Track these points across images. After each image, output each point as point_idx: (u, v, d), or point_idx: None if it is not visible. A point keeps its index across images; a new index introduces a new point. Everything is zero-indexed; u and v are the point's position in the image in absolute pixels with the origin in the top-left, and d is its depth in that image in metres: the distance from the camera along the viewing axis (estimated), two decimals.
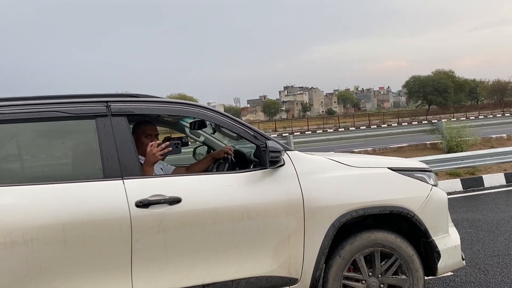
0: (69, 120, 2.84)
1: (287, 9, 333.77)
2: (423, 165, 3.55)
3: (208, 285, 2.84)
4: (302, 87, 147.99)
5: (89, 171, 2.84)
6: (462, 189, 8.83)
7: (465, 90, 74.44)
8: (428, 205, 3.27)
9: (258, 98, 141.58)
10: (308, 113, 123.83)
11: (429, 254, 3.28)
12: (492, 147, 12.32)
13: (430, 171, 3.51)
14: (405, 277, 3.20)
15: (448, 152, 11.61)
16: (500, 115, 23.48)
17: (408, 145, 13.74)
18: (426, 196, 3.28)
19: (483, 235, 5.58)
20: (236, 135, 3.23)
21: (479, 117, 21.42)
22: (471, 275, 4.30)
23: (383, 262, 3.19)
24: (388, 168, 3.30)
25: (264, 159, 2.98)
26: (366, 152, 12.66)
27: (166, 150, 3.09)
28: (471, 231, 5.82)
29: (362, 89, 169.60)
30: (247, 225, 2.90)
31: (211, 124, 3.74)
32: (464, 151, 10.95)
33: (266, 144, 2.97)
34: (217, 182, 2.97)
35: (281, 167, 3.03)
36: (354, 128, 17.57)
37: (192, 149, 4.80)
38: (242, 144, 4.06)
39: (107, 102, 2.91)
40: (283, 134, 17.77)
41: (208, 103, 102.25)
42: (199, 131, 4.40)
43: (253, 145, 3.17)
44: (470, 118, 19.69)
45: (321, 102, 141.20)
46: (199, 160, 3.87)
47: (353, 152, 12.30)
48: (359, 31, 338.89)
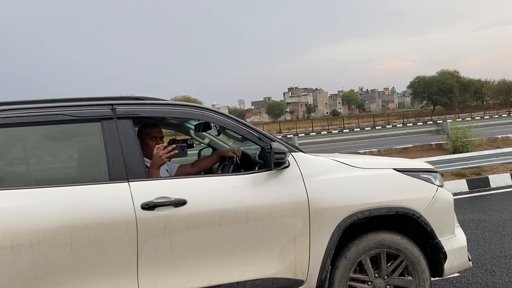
0: (75, 123, 2.85)
1: (290, 10, 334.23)
2: (429, 166, 3.53)
3: (214, 287, 2.84)
4: (306, 88, 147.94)
5: (95, 173, 2.85)
6: (468, 190, 8.79)
7: (470, 90, 74.25)
8: (434, 206, 3.25)
9: (262, 99, 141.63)
10: (312, 114, 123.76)
11: (435, 255, 3.27)
12: (498, 147, 12.27)
13: (436, 171, 3.50)
14: (412, 278, 3.19)
15: (454, 153, 11.59)
16: (505, 115, 23.40)
17: (413, 145, 13.71)
18: (432, 197, 3.27)
19: (490, 236, 5.56)
20: (241, 136, 3.23)
21: (485, 117, 21.36)
22: (477, 276, 4.28)
23: (389, 263, 3.18)
24: (394, 169, 3.29)
25: (269, 160, 2.98)
26: (371, 153, 12.64)
27: (172, 153, 3.10)
28: (477, 232, 5.79)
29: (367, 90, 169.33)
30: (253, 226, 2.90)
31: (216, 126, 3.75)
32: (469, 152, 10.92)
33: (270, 145, 2.97)
34: (222, 184, 2.97)
35: (286, 169, 3.03)
36: (359, 129, 17.58)
37: (197, 151, 4.80)
38: (246, 146, 4.06)
39: (112, 105, 2.93)
40: (288, 136, 17.78)
41: (213, 105, 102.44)
42: (204, 133, 4.40)
43: (258, 146, 3.17)
44: (476, 118, 19.64)
45: (326, 103, 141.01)
46: (206, 156, 3.87)
47: (358, 153, 12.28)
48: (363, 31, 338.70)
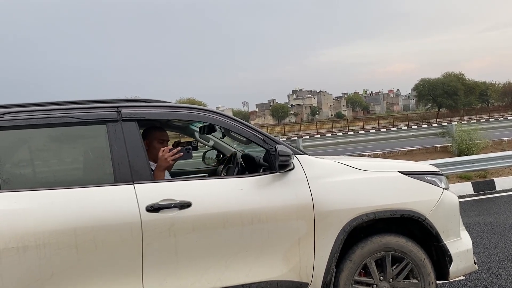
0: (81, 125, 2.87)
1: (295, 12, 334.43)
2: (434, 168, 3.52)
3: None
4: (310, 90, 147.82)
5: (100, 176, 2.86)
6: (473, 193, 8.75)
7: (475, 93, 73.93)
8: (439, 208, 3.24)
9: (266, 102, 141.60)
10: (317, 116, 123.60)
11: (440, 258, 3.26)
12: (503, 149, 12.22)
13: (441, 174, 3.48)
14: (417, 281, 3.18)
15: (459, 155, 11.54)
16: (511, 117, 23.28)
17: (418, 148, 13.68)
18: (437, 200, 3.26)
19: (495, 239, 5.53)
20: (245, 139, 3.23)
21: (490, 119, 21.23)
22: (483, 279, 4.26)
23: (394, 266, 3.17)
24: (399, 171, 3.28)
25: (274, 163, 2.98)
26: (376, 156, 12.61)
27: (177, 155, 3.11)
28: (483, 234, 5.76)
29: (371, 92, 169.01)
30: (257, 229, 2.90)
31: (220, 128, 3.76)
32: (475, 154, 10.88)
33: (275, 148, 2.97)
34: (227, 186, 2.97)
35: (291, 171, 3.03)
36: (363, 132, 17.52)
37: (202, 153, 4.81)
38: (251, 148, 4.06)
39: (117, 107, 2.94)
40: (292, 138, 17.77)
41: (217, 107, 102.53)
42: (209, 136, 4.42)
43: (262, 149, 3.17)
44: (481, 120, 19.51)
45: (330, 105, 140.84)
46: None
47: (362, 155, 12.25)
48: (368, 33, 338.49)
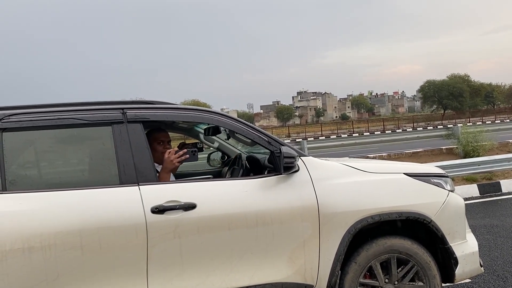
0: (86, 127, 2.88)
1: (300, 14, 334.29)
2: (440, 171, 3.51)
3: None
4: (315, 92, 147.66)
5: (106, 177, 2.87)
6: (479, 195, 8.71)
7: (481, 94, 73.67)
8: (445, 211, 3.23)
9: (271, 103, 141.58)
10: (321, 118, 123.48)
11: (446, 261, 3.24)
12: (509, 151, 12.15)
13: (447, 176, 3.47)
14: (422, 283, 3.16)
15: (465, 157, 11.50)
16: None
17: (423, 150, 13.64)
18: (443, 202, 3.24)
19: (501, 241, 5.49)
20: (250, 140, 3.24)
21: (496, 121, 21.12)
22: (489, 282, 4.23)
23: (400, 269, 3.16)
24: (404, 173, 3.27)
25: (278, 165, 2.98)
26: (381, 158, 12.58)
27: (183, 157, 3.12)
28: (489, 237, 5.73)
29: (376, 94, 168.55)
30: (262, 231, 2.90)
31: (225, 130, 3.76)
32: (480, 156, 10.83)
33: (280, 149, 2.97)
34: (232, 188, 2.97)
35: (296, 173, 3.02)
36: (368, 133, 17.49)
37: (207, 155, 4.82)
38: (256, 150, 4.06)
39: (123, 109, 2.95)
40: (297, 140, 17.75)
41: (222, 109, 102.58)
42: (213, 137, 4.42)
43: (267, 150, 3.17)
44: (487, 122, 19.44)
45: (335, 107, 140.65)
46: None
47: (367, 157, 12.23)
48: (372, 35, 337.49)
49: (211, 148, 4.75)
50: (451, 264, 3.21)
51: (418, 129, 17.25)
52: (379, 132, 17.74)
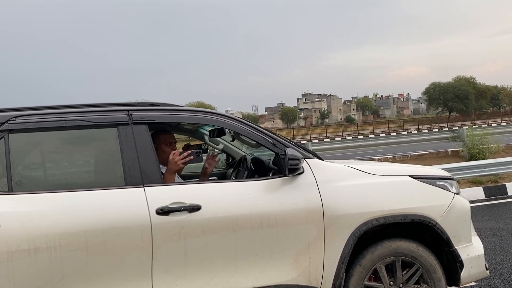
0: (92, 128, 2.89)
1: (305, 16, 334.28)
2: (445, 173, 3.50)
3: None
4: (320, 94, 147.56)
5: (111, 178, 2.88)
6: (484, 198, 8.66)
7: (486, 97, 73.36)
8: (450, 213, 3.22)
9: (276, 105, 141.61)
10: (326, 120, 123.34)
11: (451, 264, 3.23)
12: None
13: (452, 179, 3.46)
14: (427, 286, 3.14)
15: (470, 160, 11.45)
16: None
17: (428, 152, 13.60)
18: (448, 205, 3.23)
19: (507, 245, 5.46)
20: (255, 142, 3.24)
21: (502, 124, 21.07)
22: (495, 285, 4.21)
23: (405, 271, 3.14)
24: (409, 176, 3.26)
25: (283, 166, 2.97)
26: (386, 160, 12.55)
27: (188, 159, 3.12)
28: (494, 240, 5.70)
29: (381, 96, 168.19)
30: (267, 233, 2.90)
31: (230, 131, 3.76)
32: (486, 159, 10.79)
33: (285, 151, 2.96)
34: (236, 190, 2.97)
35: (301, 175, 3.02)
36: (373, 136, 17.46)
37: None
38: (261, 152, 4.07)
39: (128, 110, 2.96)
40: (302, 142, 17.75)
41: (226, 110, 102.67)
42: (218, 139, 4.42)
43: (272, 152, 3.17)
44: (492, 125, 19.39)
45: (340, 109, 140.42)
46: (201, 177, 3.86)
47: (372, 159, 12.20)
48: (378, 37, 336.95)
49: (216, 150, 4.75)
50: (457, 267, 3.20)
51: (423, 131, 17.23)
52: (384, 134, 17.71)
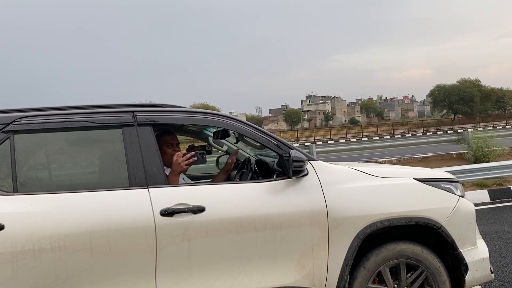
0: (96, 129, 2.90)
1: (310, 18, 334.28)
2: (450, 176, 3.48)
3: None
4: (324, 96, 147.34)
5: (115, 179, 2.88)
6: (489, 200, 8.62)
7: (491, 99, 73.11)
8: (455, 216, 3.20)
9: (280, 107, 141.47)
10: (330, 122, 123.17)
11: (456, 267, 3.22)
12: None
13: (457, 181, 3.44)
14: None
15: (475, 162, 11.40)
16: None
17: (433, 155, 13.55)
18: (453, 207, 3.22)
19: None
20: (259, 144, 3.24)
21: (507, 126, 20.96)
22: None
23: (409, 274, 3.13)
24: (414, 178, 3.25)
25: (287, 168, 2.97)
26: (390, 162, 12.51)
27: (191, 160, 3.12)
28: (499, 243, 5.67)
29: (386, 98, 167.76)
30: (271, 235, 2.89)
31: (234, 133, 3.76)
32: (491, 161, 10.73)
33: (289, 153, 2.96)
34: (240, 191, 2.97)
35: (305, 177, 3.02)
36: (377, 138, 17.42)
37: (215, 158, 4.82)
38: (265, 153, 4.06)
39: (133, 112, 2.97)
40: (306, 144, 17.72)
41: (230, 112, 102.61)
42: (222, 140, 4.42)
43: (276, 154, 3.17)
44: (497, 127, 19.27)
45: (344, 111, 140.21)
46: (216, 177, 3.93)
47: (377, 162, 12.17)
48: (383, 39, 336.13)
49: (220, 152, 4.76)
50: (461, 270, 3.18)
51: (428, 133, 17.15)
52: (388, 137, 17.69)
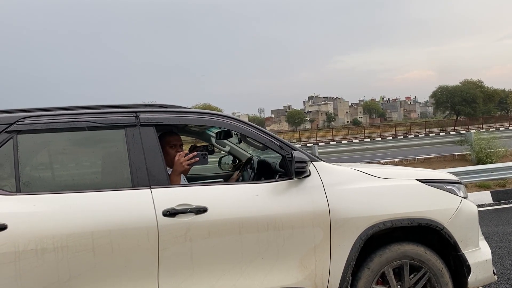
0: (99, 130, 2.90)
1: (312, 19, 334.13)
2: (452, 177, 3.48)
3: None
4: (326, 97, 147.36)
5: (118, 180, 2.88)
6: (492, 202, 8.60)
7: (494, 100, 72.95)
8: (458, 217, 3.20)
9: (282, 108, 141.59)
10: (333, 123, 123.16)
11: (459, 268, 3.21)
12: None
13: (460, 183, 3.44)
14: None
15: (477, 164, 11.38)
16: None
17: (436, 156, 13.54)
18: (456, 209, 3.21)
19: None
20: (261, 145, 3.23)
21: (509, 127, 20.89)
22: None
23: (412, 275, 3.13)
24: (417, 179, 3.24)
25: (290, 169, 2.97)
26: (393, 163, 12.49)
27: (193, 160, 3.12)
28: (502, 245, 5.65)
29: (388, 99, 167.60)
30: (273, 235, 2.89)
31: (236, 134, 3.77)
32: (494, 163, 10.71)
33: (291, 154, 2.96)
34: (243, 192, 2.97)
35: (307, 178, 3.01)
36: (380, 139, 17.41)
37: (218, 159, 4.83)
38: (267, 154, 4.06)
39: (136, 112, 2.97)
40: (308, 144, 17.72)
41: (233, 113, 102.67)
42: (225, 141, 4.43)
43: (278, 155, 3.17)
44: (500, 129, 19.22)
45: (346, 112, 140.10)
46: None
47: (379, 163, 12.16)
48: (385, 40, 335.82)
49: (222, 152, 4.76)
50: (464, 271, 3.18)
51: (430, 135, 17.10)
52: (390, 138, 17.65)
